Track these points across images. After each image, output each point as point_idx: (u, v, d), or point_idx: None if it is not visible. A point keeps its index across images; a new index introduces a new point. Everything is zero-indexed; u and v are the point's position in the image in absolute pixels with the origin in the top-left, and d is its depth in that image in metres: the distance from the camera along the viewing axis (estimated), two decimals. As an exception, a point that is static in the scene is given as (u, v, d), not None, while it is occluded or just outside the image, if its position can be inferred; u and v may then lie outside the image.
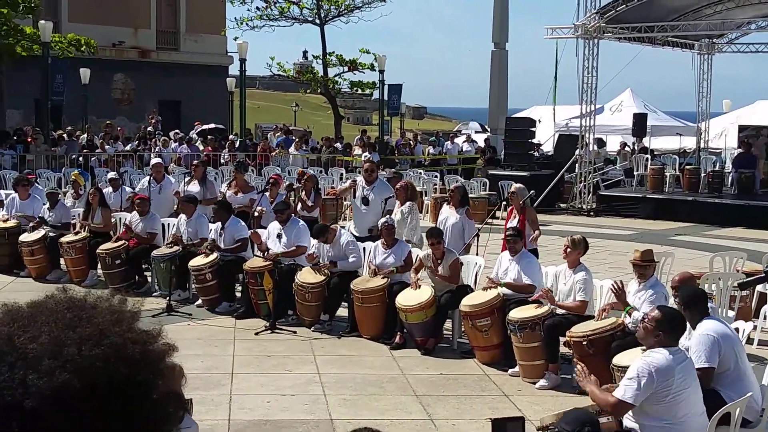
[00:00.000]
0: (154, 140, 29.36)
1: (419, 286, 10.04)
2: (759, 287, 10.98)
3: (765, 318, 10.18)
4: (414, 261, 10.61)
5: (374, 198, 12.19)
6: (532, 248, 10.88)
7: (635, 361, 5.82)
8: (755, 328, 9.51)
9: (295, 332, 10.55)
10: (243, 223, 12.32)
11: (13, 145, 24.81)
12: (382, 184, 12.70)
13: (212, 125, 34.04)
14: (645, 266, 8.44)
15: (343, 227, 11.75)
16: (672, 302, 8.06)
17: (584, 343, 8.13)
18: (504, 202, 12.22)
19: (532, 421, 7.51)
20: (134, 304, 1.63)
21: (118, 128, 30.70)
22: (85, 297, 1.55)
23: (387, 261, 10.63)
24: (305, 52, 58.97)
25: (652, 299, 8.06)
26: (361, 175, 13.13)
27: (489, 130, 35.46)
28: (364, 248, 11.46)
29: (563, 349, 8.92)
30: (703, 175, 24.28)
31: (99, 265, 12.97)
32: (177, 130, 31.06)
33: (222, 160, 27.65)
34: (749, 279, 8.83)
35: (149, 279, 12.91)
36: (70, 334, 1.42)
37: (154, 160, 16.45)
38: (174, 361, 2.83)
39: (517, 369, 8.96)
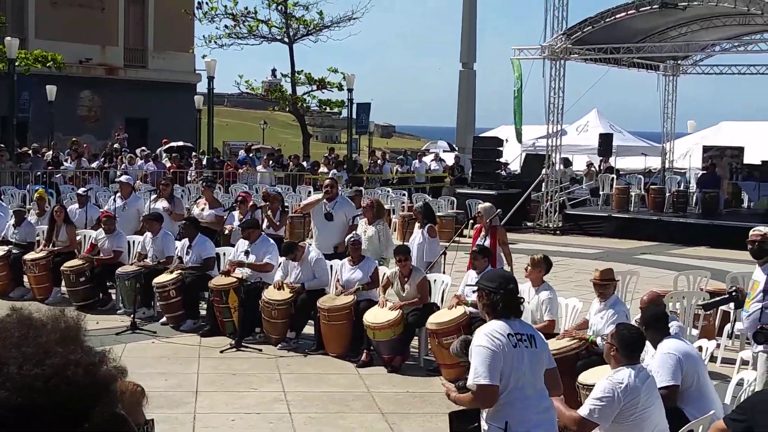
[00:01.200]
0: (120, 157, 29.16)
1: (386, 304, 10.01)
2: (723, 306, 11.10)
3: (728, 336, 10.27)
4: (381, 278, 10.60)
5: (337, 214, 12.19)
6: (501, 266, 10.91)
7: (601, 380, 5.84)
8: (718, 346, 9.59)
9: (260, 350, 10.49)
10: (210, 242, 12.26)
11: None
12: (344, 200, 12.71)
13: (180, 143, 33.89)
14: (605, 285, 8.48)
15: (310, 245, 11.72)
16: (634, 320, 8.13)
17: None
18: (471, 221, 12.24)
19: None
20: (80, 323, 1.61)
21: (84, 145, 30.45)
22: (35, 316, 1.54)
23: (354, 277, 10.62)
24: (274, 71, 59.00)
25: (614, 319, 8.10)
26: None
27: (456, 149, 35.62)
28: (331, 266, 11.44)
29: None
30: (668, 194, 24.54)
31: (63, 283, 12.83)
32: (143, 148, 30.89)
33: (188, 178, 27.52)
34: (713, 300, 8.93)
35: (113, 296, 12.79)
36: (14, 353, 1.43)
37: (122, 178, 16.34)
38: (130, 384, 2.81)
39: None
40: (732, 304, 8.42)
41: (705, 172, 25.06)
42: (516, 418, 4.83)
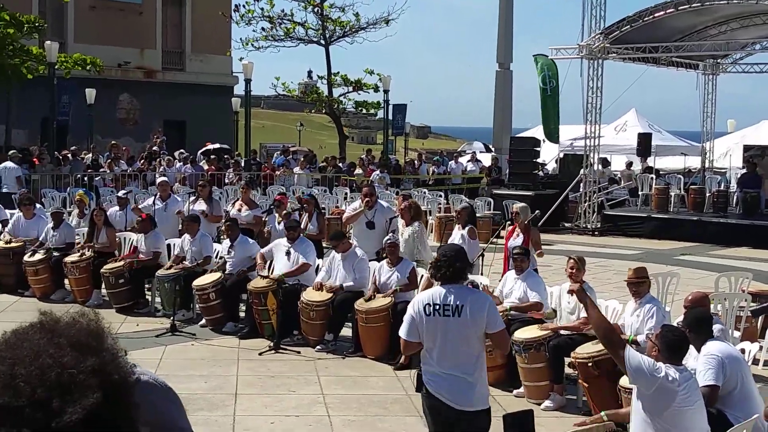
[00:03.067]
0: (158, 160, 29.40)
1: None
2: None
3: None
4: (419, 279, 10.58)
5: (378, 221, 12.21)
6: (533, 268, 10.86)
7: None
8: (761, 348, 9.46)
9: (299, 352, 10.51)
10: (253, 241, 12.34)
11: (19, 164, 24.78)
12: (382, 206, 12.72)
13: (217, 145, 34.09)
14: (639, 283, 8.41)
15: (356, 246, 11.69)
16: (673, 319, 8.05)
17: (590, 364, 8.08)
18: (508, 222, 12.19)
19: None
20: (93, 324, 1.64)
21: (123, 148, 30.73)
22: (47, 320, 1.62)
23: (392, 278, 10.61)
24: (310, 72, 59.14)
25: (651, 314, 8.05)
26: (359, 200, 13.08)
27: (492, 149, 35.49)
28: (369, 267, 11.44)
29: (568, 370, 8.87)
30: (708, 194, 24.25)
31: (103, 285, 12.96)
32: (182, 150, 31.10)
33: (226, 180, 27.68)
34: (763, 306, 8.81)
35: (150, 299, 12.89)
36: (11, 353, 1.52)
37: (160, 179, 16.49)
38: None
39: (522, 390, 8.91)
40: None
41: (746, 171, 24.73)
42: (426, 372, 5.78)
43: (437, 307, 5.71)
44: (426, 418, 5.95)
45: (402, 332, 5.95)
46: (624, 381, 7.30)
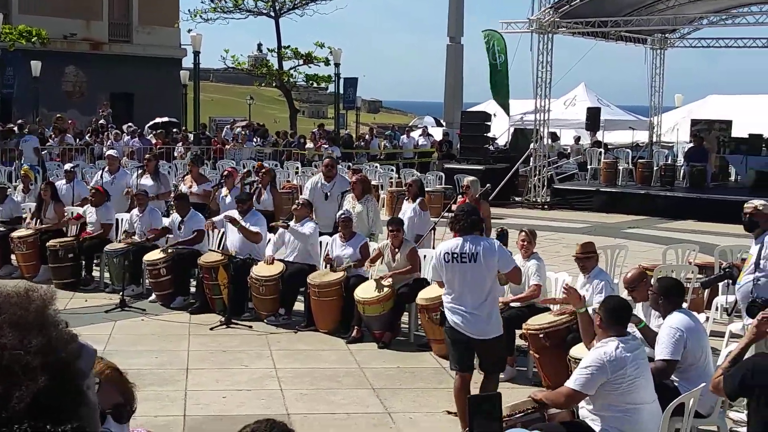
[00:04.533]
0: (106, 133, 29.00)
1: (379, 282, 9.96)
2: (721, 282, 11.13)
3: (717, 309, 10.31)
4: (371, 253, 10.60)
5: (336, 193, 12.19)
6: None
7: (589, 352, 5.85)
8: (707, 319, 9.62)
9: (250, 327, 10.47)
10: (201, 216, 12.23)
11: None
12: (342, 179, 12.73)
13: (165, 118, 33.71)
14: (586, 258, 8.47)
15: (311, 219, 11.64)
16: (621, 291, 8.15)
17: (541, 335, 8.17)
18: (459, 196, 12.24)
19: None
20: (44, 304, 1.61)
21: (69, 121, 30.23)
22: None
23: (344, 253, 10.61)
24: (260, 45, 58.66)
25: (599, 288, 8.13)
26: (320, 170, 13.09)
27: (442, 123, 35.50)
28: (320, 242, 11.43)
29: (519, 342, 8.95)
30: (655, 168, 24.57)
31: (48, 260, 12.75)
32: (130, 124, 30.71)
33: (175, 154, 27.40)
34: (711, 278, 8.95)
35: (97, 275, 12.74)
36: None
37: (109, 152, 16.29)
38: (100, 365, 2.77)
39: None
40: (729, 280, 8.43)
41: (692, 145, 25.08)
42: (448, 309, 6.92)
43: (455, 255, 6.78)
44: (448, 347, 7.21)
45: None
46: (574, 351, 7.40)
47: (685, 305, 9.70)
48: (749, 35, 27.92)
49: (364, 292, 9.91)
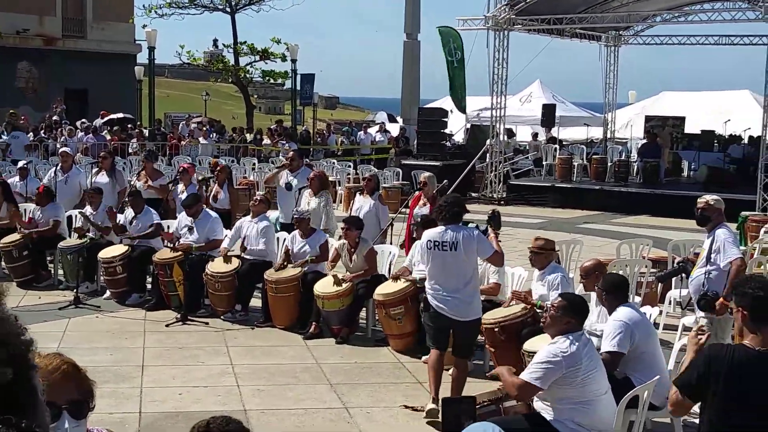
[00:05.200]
0: (59, 129, 28.63)
1: (337, 278, 9.96)
2: (675, 277, 11.29)
3: (670, 303, 10.46)
4: (330, 251, 10.58)
5: (297, 184, 12.18)
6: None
7: (544, 346, 5.91)
8: (661, 313, 9.76)
9: (207, 323, 10.42)
10: (155, 213, 12.13)
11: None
12: (306, 171, 12.74)
13: (120, 114, 33.35)
14: (536, 253, 8.54)
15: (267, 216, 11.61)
16: (577, 286, 8.24)
17: (496, 329, 8.23)
18: (417, 192, 12.27)
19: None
20: None
21: (22, 117, 29.77)
22: None
23: (303, 250, 10.59)
24: (216, 41, 58.16)
25: (555, 283, 8.20)
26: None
27: (398, 120, 35.56)
28: (277, 238, 11.41)
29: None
30: (609, 164, 24.83)
31: (3, 260, 12.58)
32: (83, 120, 30.35)
33: (130, 150, 27.13)
34: (666, 272, 9.07)
35: (52, 272, 12.60)
36: None
37: (62, 149, 16.10)
38: (56, 360, 2.76)
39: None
40: (683, 275, 8.54)
41: (646, 141, 25.40)
42: (431, 295, 7.39)
43: (437, 243, 7.26)
44: (428, 329, 7.65)
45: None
46: (528, 345, 7.47)
47: (639, 299, 9.88)
48: (702, 32, 28.33)
49: (324, 287, 9.90)
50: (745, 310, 4.29)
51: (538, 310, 8.22)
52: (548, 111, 27.61)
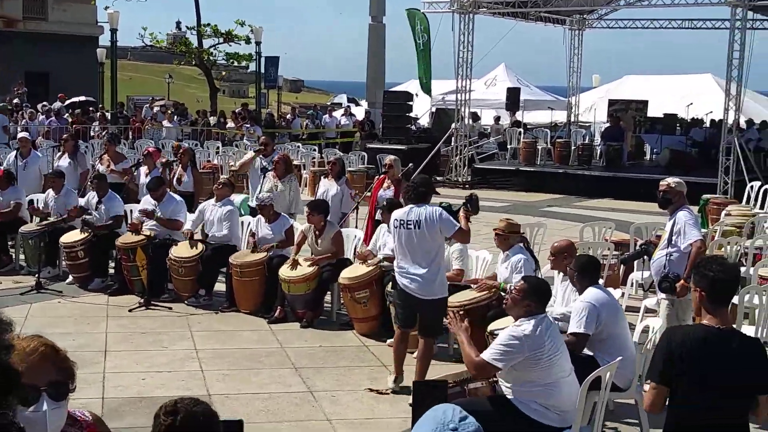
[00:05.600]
0: (20, 113, 28.24)
1: (297, 264, 9.95)
2: (639, 259, 11.39)
3: (632, 285, 10.56)
4: (295, 235, 10.55)
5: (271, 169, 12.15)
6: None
7: (506, 328, 5.93)
8: (623, 295, 9.85)
9: (170, 308, 10.36)
10: (120, 199, 12.01)
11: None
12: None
13: (81, 98, 32.95)
14: (501, 237, 8.58)
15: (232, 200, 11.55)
16: (545, 265, 8.29)
17: (461, 312, 8.24)
18: (382, 175, 12.26)
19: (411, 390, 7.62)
20: None
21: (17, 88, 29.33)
22: None
23: (269, 234, 10.55)
24: (179, 23, 57.67)
25: (519, 265, 8.25)
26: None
27: (359, 102, 35.45)
28: (242, 222, 11.35)
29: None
30: (573, 148, 24.99)
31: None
32: (44, 103, 29.94)
33: (92, 133, 26.83)
34: (630, 254, 9.14)
35: (13, 257, 12.45)
36: None
37: (21, 134, 15.89)
38: (34, 342, 2.74)
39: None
40: (646, 257, 8.62)
41: (609, 125, 25.57)
42: (398, 273, 7.54)
43: (402, 222, 7.42)
44: (395, 307, 7.86)
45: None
46: (492, 326, 7.50)
47: (601, 282, 9.94)
48: (665, 16, 28.63)
49: (289, 271, 9.88)
50: (704, 291, 4.34)
51: (502, 293, 8.27)
52: (513, 95, 27.69)
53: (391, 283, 7.87)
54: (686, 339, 4.30)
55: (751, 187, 17.54)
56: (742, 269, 10.77)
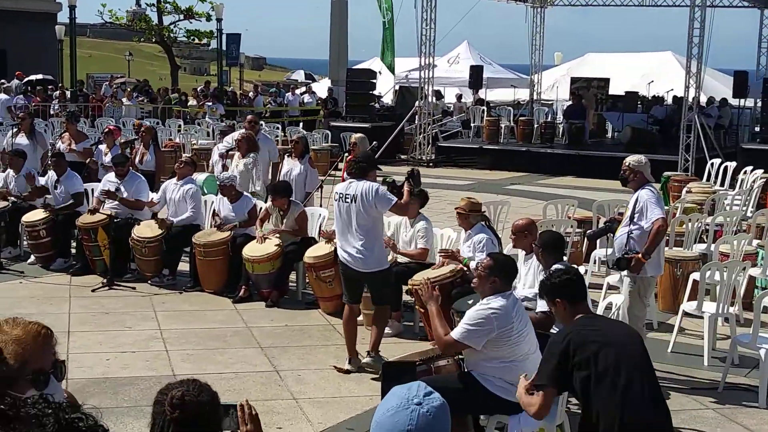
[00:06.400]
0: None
1: (264, 239, 9.94)
2: (604, 236, 11.50)
3: (595, 262, 10.66)
4: (258, 213, 10.51)
5: (261, 147, 12.08)
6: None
7: (475, 306, 5.95)
8: (586, 272, 9.94)
9: (134, 288, 10.29)
10: (79, 178, 11.87)
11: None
12: (265, 137, 12.70)
13: (39, 76, 32.48)
14: (467, 214, 8.61)
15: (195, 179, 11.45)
16: (507, 244, 8.34)
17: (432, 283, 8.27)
18: (346, 154, 12.24)
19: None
20: None
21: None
22: None
23: (231, 214, 10.50)
24: (138, 0, 56.97)
25: (481, 245, 8.29)
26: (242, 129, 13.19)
27: (314, 78, 35.26)
28: (205, 201, 11.29)
29: (405, 297, 9.07)
30: (536, 126, 25.10)
31: None
32: (2, 81, 29.48)
33: (51, 111, 26.48)
34: (597, 230, 9.21)
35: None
36: None
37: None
38: (33, 328, 2.73)
39: (360, 318, 9.04)
40: (611, 234, 8.68)
41: (571, 103, 25.70)
42: (339, 247, 7.80)
43: (342, 195, 7.62)
44: (343, 281, 7.99)
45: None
46: (458, 305, 7.53)
47: (564, 259, 10.02)
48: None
49: (253, 250, 9.85)
50: (563, 300, 4.85)
51: (466, 270, 8.31)
52: (476, 73, 27.70)
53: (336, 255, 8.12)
54: (575, 337, 4.67)
55: (712, 164, 17.75)
56: (703, 246, 10.95)
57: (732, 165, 17.00)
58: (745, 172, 16.16)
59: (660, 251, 7.68)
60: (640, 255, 7.52)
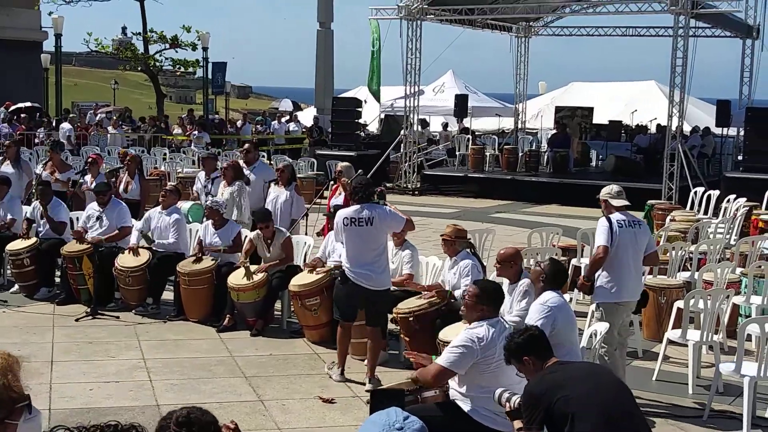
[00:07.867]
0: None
1: (249, 270, 9.88)
2: (573, 261, 11.55)
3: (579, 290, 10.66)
4: (243, 242, 10.49)
5: (255, 179, 12.06)
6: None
7: (460, 333, 5.97)
8: (570, 300, 9.96)
9: (118, 317, 10.24)
10: (65, 207, 11.84)
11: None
12: (263, 165, 12.67)
13: (27, 103, 32.43)
14: (452, 241, 8.64)
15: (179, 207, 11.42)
16: (492, 272, 8.36)
17: (410, 319, 8.29)
18: (332, 182, 12.26)
19: (361, 397, 7.63)
20: None
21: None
22: None
23: (216, 241, 10.47)
24: (124, 29, 57.18)
25: (466, 271, 8.32)
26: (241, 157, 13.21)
27: (301, 107, 35.33)
28: (190, 229, 11.26)
29: (391, 326, 9.06)
30: (520, 154, 25.22)
31: None
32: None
33: (36, 140, 26.44)
34: None
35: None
36: None
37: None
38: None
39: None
40: None
41: (556, 132, 25.86)
42: (347, 268, 8.06)
43: (354, 220, 7.95)
44: (339, 300, 8.26)
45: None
46: (443, 335, 7.54)
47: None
48: (610, 24, 29.00)
49: (238, 279, 9.82)
50: (531, 357, 4.98)
51: (452, 300, 8.34)
52: (461, 101, 27.87)
53: (340, 276, 8.26)
54: (556, 384, 4.71)
55: (695, 192, 17.85)
56: (687, 274, 10.99)
57: (715, 193, 17.10)
58: (728, 201, 16.25)
59: (621, 279, 7.65)
60: (581, 278, 8.05)
